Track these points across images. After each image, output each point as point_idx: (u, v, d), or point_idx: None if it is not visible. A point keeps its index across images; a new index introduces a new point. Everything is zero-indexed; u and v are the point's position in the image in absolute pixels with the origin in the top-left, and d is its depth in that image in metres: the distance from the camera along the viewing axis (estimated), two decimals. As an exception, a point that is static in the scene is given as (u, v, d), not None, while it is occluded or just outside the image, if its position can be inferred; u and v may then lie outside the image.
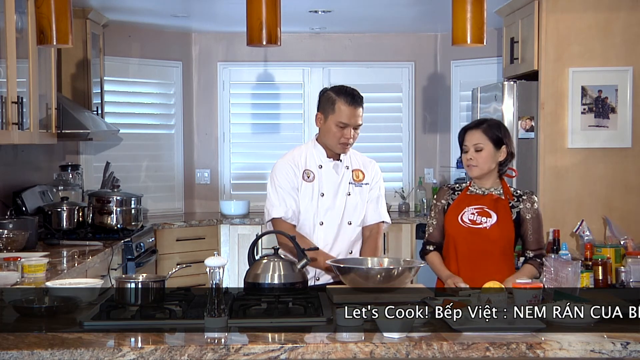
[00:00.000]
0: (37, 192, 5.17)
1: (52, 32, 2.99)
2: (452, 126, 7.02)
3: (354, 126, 3.56)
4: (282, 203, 3.59)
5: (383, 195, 3.80)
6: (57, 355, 2.27)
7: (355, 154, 3.76)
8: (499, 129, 3.44)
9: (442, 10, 4.79)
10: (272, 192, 3.62)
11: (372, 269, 3.15)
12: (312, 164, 3.65)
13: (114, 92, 6.56)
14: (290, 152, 3.72)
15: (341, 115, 3.54)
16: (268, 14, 3.00)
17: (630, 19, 5.01)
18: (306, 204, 3.61)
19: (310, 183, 3.62)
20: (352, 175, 3.69)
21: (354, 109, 3.55)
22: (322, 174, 3.64)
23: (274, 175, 3.65)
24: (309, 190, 3.62)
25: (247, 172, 7.17)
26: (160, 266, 5.99)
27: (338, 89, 3.60)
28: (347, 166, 3.69)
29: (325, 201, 3.62)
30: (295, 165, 3.63)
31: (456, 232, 3.44)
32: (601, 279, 3.98)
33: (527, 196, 3.45)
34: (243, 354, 2.32)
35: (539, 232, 3.45)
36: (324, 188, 3.63)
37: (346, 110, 3.54)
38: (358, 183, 3.69)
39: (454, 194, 3.53)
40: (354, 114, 3.55)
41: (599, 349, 2.34)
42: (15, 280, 3.45)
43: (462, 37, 3.07)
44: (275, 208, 3.60)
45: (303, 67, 7.13)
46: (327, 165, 3.65)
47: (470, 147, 3.42)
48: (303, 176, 3.62)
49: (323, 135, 3.64)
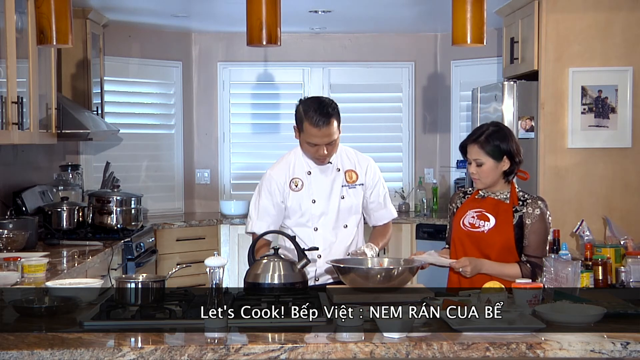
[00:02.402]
0: (37, 192, 5.18)
1: (52, 32, 2.99)
2: (452, 126, 7.03)
3: (326, 144, 3.45)
4: (260, 220, 3.57)
5: (387, 191, 3.75)
6: (57, 355, 2.27)
7: (347, 153, 3.66)
8: (498, 139, 3.34)
9: (442, 10, 4.79)
10: (253, 207, 3.62)
11: (372, 269, 3.15)
12: (300, 172, 3.59)
13: (114, 92, 6.56)
14: (280, 160, 3.66)
15: (309, 136, 3.44)
16: (268, 14, 3.00)
17: (630, 19, 5.01)
18: (298, 212, 3.56)
19: (299, 192, 3.57)
20: (345, 176, 3.61)
21: (321, 129, 3.40)
22: (311, 180, 3.58)
23: (259, 188, 3.62)
24: (298, 199, 3.56)
25: (247, 172, 7.17)
26: (160, 266, 5.99)
27: (307, 106, 3.44)
28: (338, 168, 3.61)
29: (317, 207, 3.57)
30: (282, 176, 3.57)
31: (457, 235, 3.43)
32: (601, 279, 3.97)
33: (532, 201, 3.37)
34: (243, 354, 2.32)
35: (538, 239, 3.34)
36: (315, 194, 3.57)
37: (313, 131, 3.41)
38: (352, 184, 3.62)
39: (464, 198, 3.52)
40: (323, 133, 3.41)
41: (599, 349, 2.34)
42: (15, 280, 3.45)
43: (462, 37, 3.06)
44: (254, 222, 3.59)
45: (303, 67, 7.13)
46: (316, 171, 3.58)
47: (472, 160, 3.37)
48: (291, 186, 3.57)
49: (302, 147, 3.57)
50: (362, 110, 7.05)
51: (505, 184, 3.42)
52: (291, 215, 3.59)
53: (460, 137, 6.81)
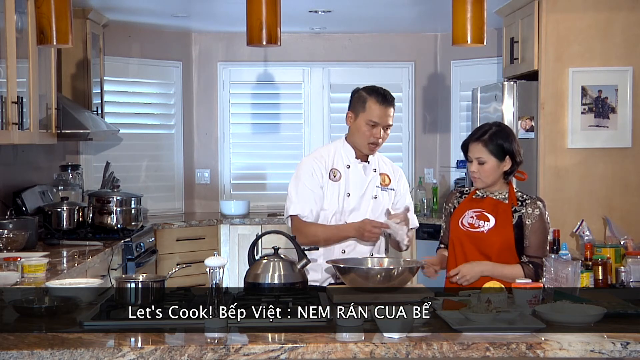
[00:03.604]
0: (37, 192, 5.18)
1: (52, 32, 2.99)
2: (452, 126, 7.03)
3: (384, 126, 3.54)
4: (301, 201, 3.56)
5: (412, 202, 3.83)
6: (57, 355, 2.27)
7: (382, 158, 3.75)
8: (502, 138, 3.34)
9: (442, 10, 4.79)
10: (293, 189, 3.61)
11: (372, 269, 3.15)
12: (340, 164, 3.63)
13: (114, 92, 6.56)
14: (319, 150, 3.72)
15: (372, 113, 3.53)
16: (268, 14, 3.00)
17: (630, 19, 5.01)
18: (331, 203, 3.58)
19: (337, 182, 3.60)
20: (380, 179, 3.67)
21: (385, 108, 3.53)
22: (349, 174, 3.62)
23: (298, 172, 3.63)
24: (335, 190, 3.59)
25: (247, 172, 7.17)
26: (160, 266, 5.99)
27: (370, 89, 3.58)
28: (374, 169, 3.68)
29: (351, 201, 3.60)
30: (322, 163, 3.61)
31: (456, 235, 3.42)
32: (601, 279, 3.98)
33: (532, 201, 3.36)
34: (243, 354, 2.32)
35: (539, 239, 3.33)
36: (351, 188, 3.61)
37: (377, 109, 3.52)
38: (384, 187, 3.68)
39: (461, 197, 3.51)
40: (385, 113, 3.53)
41: (599, 349, 2.34)
42: (15, 280, 3.45)
43: (462, 37, 3.06)
44: (294, 205, 3.58)
45: (303, 67, 7.13)
46: (355, 166, 3.64)
47: (473, 158, 3.37)
48: (329, 175, 3.60)
49: (352, 134, 3.62)
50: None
51: (504, 184, 3.42)
52: (323, 205, 3.60)
53: (461, 137, 6.81)
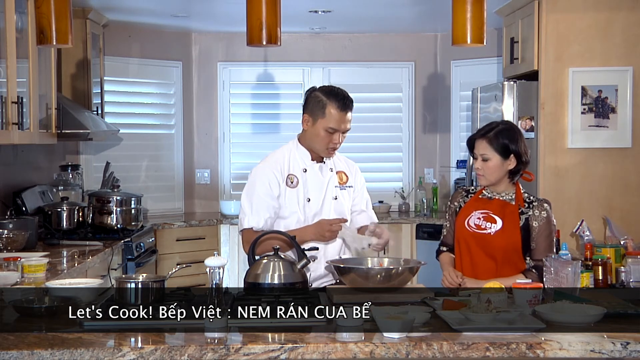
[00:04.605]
0: (37, 192, 5.17)
1: (52, 32, 2.99)
2: (452, 126, 7.03)
3: (343, 131, 3.42)
4: (254, 212, 3.42)
5: (369, 198, 3.72)
6: (57, 355, 2.27)
7: (337, 155, 3.60)
8: (507, 136, 3.32)
9: (442, 10, 4.79)
10: (246, 201, 3.46)
11: (372, 269, 3.15)
12: (296, 168, 3.49)
13: (114, 92, 6.56)
14: (272, 155, 3.55)
15: (331, 120, 3.38)
16: (268, 14, 3.00)
17: (630, 19, 5.01)
18: (292, 210, 3.45)
19: (295, 189, 3.46)
20: (337, 177, 3.56)
21: (345, 113, 3.39)
22: (307, 178, 3.49)
23: (251, 182, 3.49)
24: (294, 197, 3.46)
25: (247, 172, 7.03)
26: (160, 266, 5.99)
27: (328, 91, 3.42)
28: (331, 168, 3.55)
29: (312, 206, 3.48)
30: (277, 170, 3.46)
31: (462, 236, 3.40)
32: (601, 279, 3.98)
33: (539, 203, 3.35)
34: (243, 354, 2.32)
35: (546, 242, 3.33)
36: (310, 193, 3.48)
37: (337, 114, 3.38)
38: (343, 186, 3.56)
39: (467, 197, 3.49)
40: (345, 119, 3.39)
41: (599, 349, 2.34)
42: (15, 280, 3.45)
43: (462, 37, 3.06)
44: (247, 217, 3.43)
45: (303, 67, 7.14)
46: (312, 169, 3.51)
47: (478, 155, 3.35)
48: (287, 182, 3.46)
49: (310, 139, 3.46)
50: (362, 110, 7.00)
51: (510, 185, 3.41)
52: (283, 214, 3.48)
53: (461, 137, 6.82)
